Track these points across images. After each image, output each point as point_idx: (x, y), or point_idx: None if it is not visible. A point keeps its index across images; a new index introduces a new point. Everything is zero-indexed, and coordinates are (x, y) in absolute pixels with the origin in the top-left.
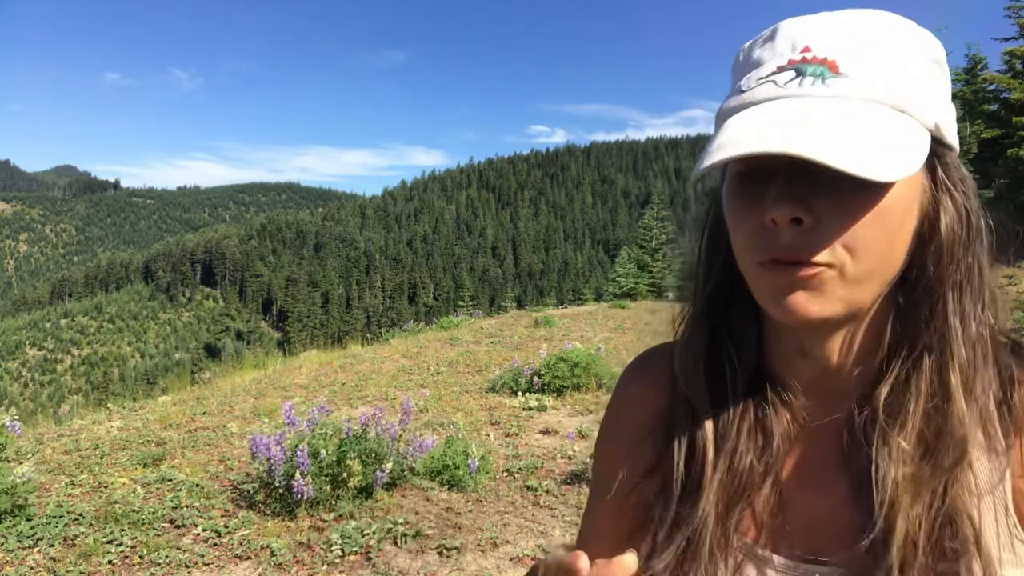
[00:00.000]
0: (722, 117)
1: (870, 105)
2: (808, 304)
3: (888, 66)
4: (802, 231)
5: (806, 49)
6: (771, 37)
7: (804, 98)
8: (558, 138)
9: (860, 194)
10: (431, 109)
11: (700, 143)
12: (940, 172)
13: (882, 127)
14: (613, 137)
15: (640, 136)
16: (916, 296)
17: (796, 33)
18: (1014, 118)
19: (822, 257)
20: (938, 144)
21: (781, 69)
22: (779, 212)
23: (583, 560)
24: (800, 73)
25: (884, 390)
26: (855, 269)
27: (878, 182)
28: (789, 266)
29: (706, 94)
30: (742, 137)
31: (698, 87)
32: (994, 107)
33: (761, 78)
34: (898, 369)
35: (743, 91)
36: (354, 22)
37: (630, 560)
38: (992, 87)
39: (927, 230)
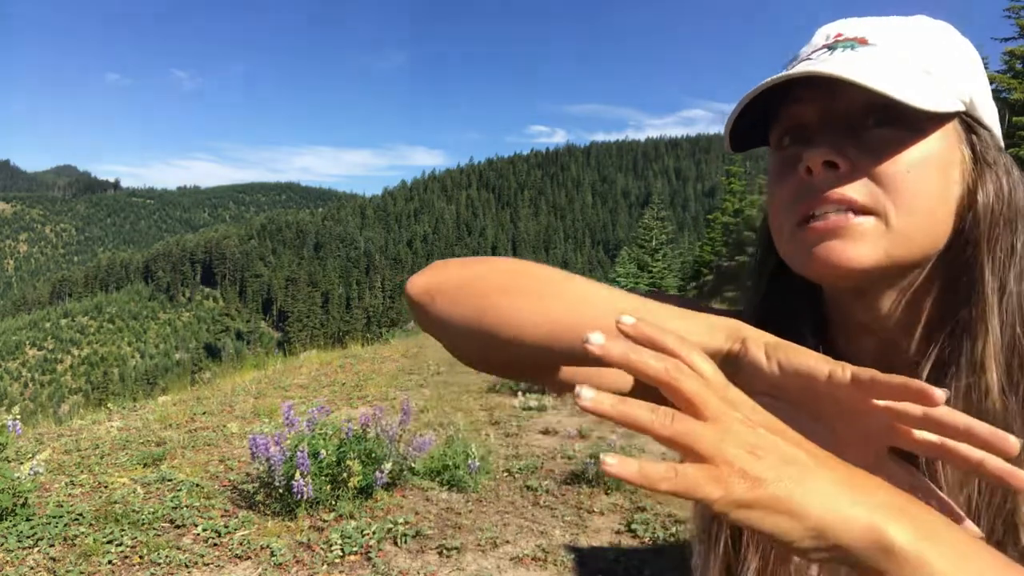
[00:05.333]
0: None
1: (900, 63)
2: (844, 250)
3: (914, 41)
4: (838, 176)
5: (838, 35)
6: (809, 37)
7: (830, 59)
8: (558, 138)
9: (896, 143)
10: (432, 109)
11: (700, 143)
12: (979, 148)
13: (912, 74)
14: (613, 137)
15: (640, 136)
16: (955, 271)
17: (830, 27)
18: (1014, 118)
19: (860, 196)
20: (975, 121)
21: (815, 51)
22: (813, 155)
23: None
24: (831, 49)
25: (926, 368)
26: (900, 220)
27: (911, 116)
28: (826, 217)
29: (706, 94)
30: (772, 79)
31: (698, 87)
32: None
33: (798, 62)
34: (938, 346)
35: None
36: (354, 22)
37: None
38: (992, 87)
39: (967, 203)
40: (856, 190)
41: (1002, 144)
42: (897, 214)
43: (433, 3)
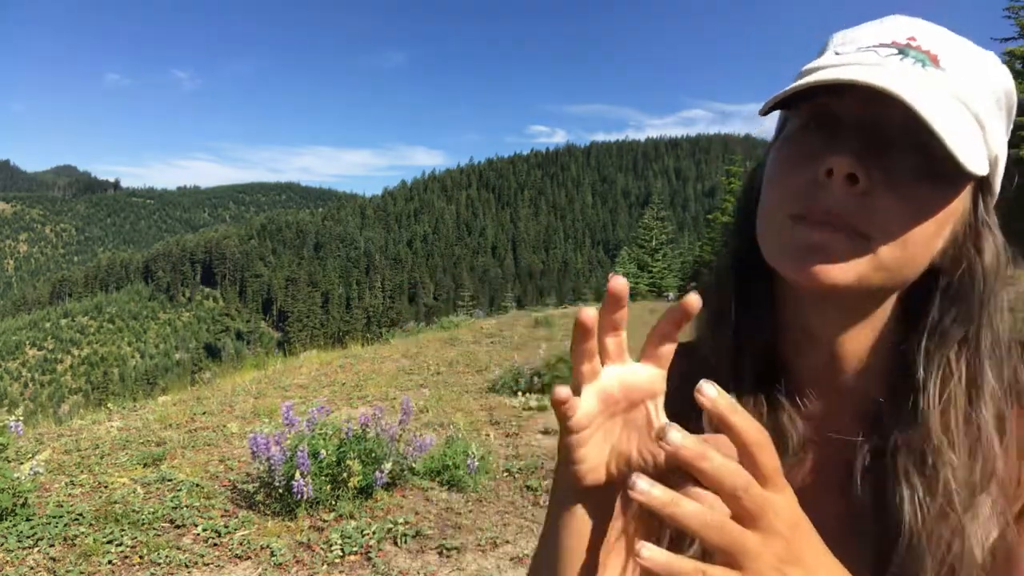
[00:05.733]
0: (805, 73)
1: (960, 105)
2: (828, 266)
3: (979, 81)
4: (852, 193)
5: (911, 38)
6: (879, 22)
7: (899, 71)
8: (558, 138)
9: (917, 181)
10: (432, 109)
11: (700, 143)
12: (981, 207)
13: (964, 123)
14: (613, 137)
15: (640, 136)
16: (948, 324)
17: (904, 23)
18: (1015, 118)
19: (863, 227)
20: (988, 182)
21: (883, 45)
22: (840, 162)
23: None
24: (903, 54)
25: (927, 419)
26: (887, 252)
27: (945, 162)
28: (824, 226)
29: (706, 94)
30: (846, 72)
31: (698, 87)
32: None
33: (861, 48)
34: (938, 399)
35: (838, 54)
36: (354, 22)
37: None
38: None
39: (961, 259)
40: (862, 216)
41: (996, 196)
42: (887, 247)
43: (433, 3)
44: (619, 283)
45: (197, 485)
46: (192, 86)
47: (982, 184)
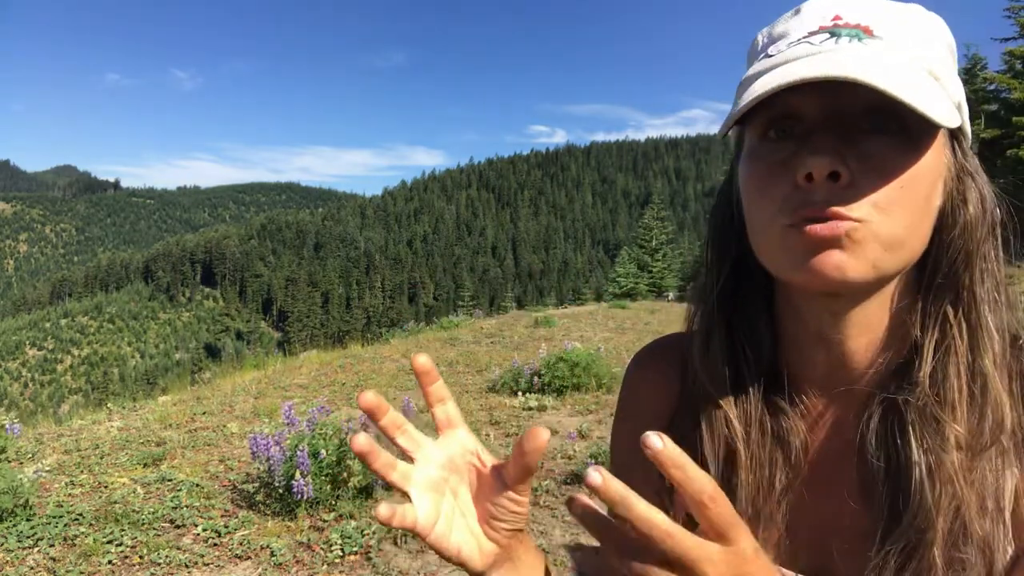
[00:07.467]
0: (747, 83)
1: (909, 64)
2: (841, 262)
3: (917, 37)
4: (838, 188)
5: (837, 17)
6: (795, 13)
7: (844, 52)
8: (558, 138)
9: (895, 155)
10: (432, 109)
11: (700, 143)
12: (960, 155)
13: (924, 81)
14: (613, 137)
15: (640, 136)
16: (941, 280)
17: (822, 6)
18: (1014, 118)
19: (858, 213)
20: (957, 128)
21: (812, 33)
22: (818, 164)
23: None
24: (835, 35)
25: (926, 375)
26: (889, 230)
27: (912, 125)
28: (823, 223)
29: (706, 94)
30: (788, 72)
31: (698, 87)
32: (994, 107)
33: (792, 42)
34: (932, 355)
35: (772, 55)
36: (354, 22)
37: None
38: (992, 87)
39: (951, 212)
40: (853, 205)
41: (970, 138)
42: (889, 224)
43: (433, 3)
44: (419, 361)
45: (197, 485)
46: (192, 86)
47: (954, 131)
